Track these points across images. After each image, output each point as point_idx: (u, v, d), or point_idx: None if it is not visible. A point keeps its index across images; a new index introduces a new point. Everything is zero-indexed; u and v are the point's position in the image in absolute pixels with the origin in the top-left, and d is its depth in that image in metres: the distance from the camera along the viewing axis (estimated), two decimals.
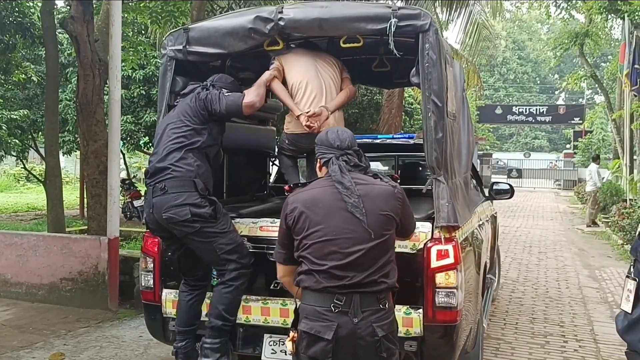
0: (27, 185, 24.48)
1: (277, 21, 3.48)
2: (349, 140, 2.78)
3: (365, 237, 2.58)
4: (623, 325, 2.47)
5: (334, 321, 2.55)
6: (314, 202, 2.66)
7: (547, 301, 7.03)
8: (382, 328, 2.58)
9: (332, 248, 2.59)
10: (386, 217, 2.64)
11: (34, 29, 9.50)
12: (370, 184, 2.69)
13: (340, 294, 2.56)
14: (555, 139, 59.68)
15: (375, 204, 2.63)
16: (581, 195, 21.97)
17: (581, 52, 22.51)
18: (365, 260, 2.58)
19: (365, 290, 2.57)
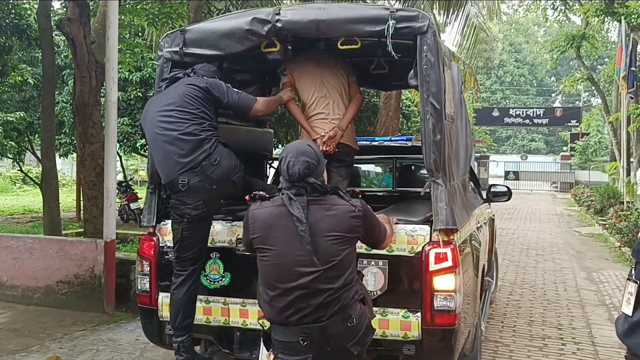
0: (24, 188, 24.41)
1: (274, 23, 3.45)
2: (298, 174, 2.68)
3: (316, 262, 2.58)
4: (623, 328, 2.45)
5: (309, 353, 2.59)
6: (270, 225, 2.68)
7: (545, 304, 7.01)
8: (358, 344, 2.65)
9: (285, 273, 2.61)
10: (340, 239, 2.63)
11: (30, 31, 9.49)
12: (327, 205, 2.67)
13: (306, 325, 2.59)
14: (552, 142, 59.75)
15: (328, 228, 2.62)
16: (578, 197, 22.00)
17: (578, 54, 22.56)
18: (320, 284, 2.58)
19: (329, 315, 2.59)
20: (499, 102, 55.47)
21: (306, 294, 2.59)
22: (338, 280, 2.61)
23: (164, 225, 3.76)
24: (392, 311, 3.28)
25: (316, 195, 2.68)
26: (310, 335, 2.58)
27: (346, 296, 2.63)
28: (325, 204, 2.67)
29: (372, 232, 2.83)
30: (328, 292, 2.59)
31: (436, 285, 3.18)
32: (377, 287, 3.29)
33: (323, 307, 2.59)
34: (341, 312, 2.61)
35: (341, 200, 2.70)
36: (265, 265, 2.68)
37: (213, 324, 3.64)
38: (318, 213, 2.63)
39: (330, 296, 2.59)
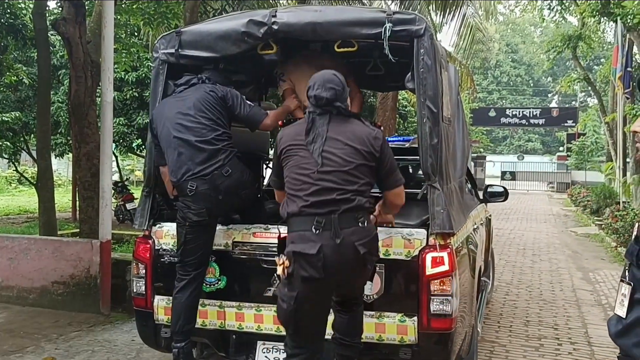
0: (19, 188, 24.34)
1: (270, 25, 3.44)
2: (326, 99, 3.03)
3: (332, 164, 2.92)
4: (616, 329, 2.45)
5: (317, 242, 2.83)
6: (295, 135, 3.04)
7: (541, 304, 7.02)
8: (364, 245, 2.88)
9: (303, 171, 2.94)
10: (357, 150, 2.96)
11: (25, 31, 9.45)
12: (350, 126, 3.03)
13: (320, 215, 2.85)
14: (548, 142, 59.87)
15: (349, 139, 2.97)
16: (574, 197, 22.04)
17: (574, 55, 22.58)
18: (333, 183, 2.89)
19: (342, 210, 2.86)
20: (496, 103, 55.54)
21: (322, 189, 2.88)
22: (352, 184, 2.93)
23: (159, 228, 3.74)
24: (389, 315, 3.27)
25: (340, 117, 3.03)
26: (322, 224, 2.84)
27: (359, 199, 2.92)
28: (348, 124, 3.03)
29: (387, 163, 3.07)
30: (342, 191, 2.89)
31: (433, 290, 3.17)
32: (373, 291, 3.28)
33: (336, 202, 2.88)
34: (353, 211, 2.89)
35: (363, 124, 3.07)
36: (289, 168, 3.02)
37: (209, 327, 3.63)
38: (339, 129, 2.99)
39: (344, 194, 2.89)
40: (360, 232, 2.88)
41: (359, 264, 2.90)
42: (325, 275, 2.84)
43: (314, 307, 2.98)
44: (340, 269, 2.86)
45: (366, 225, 2.93)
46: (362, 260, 2.89)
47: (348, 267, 2.88)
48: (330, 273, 2.84)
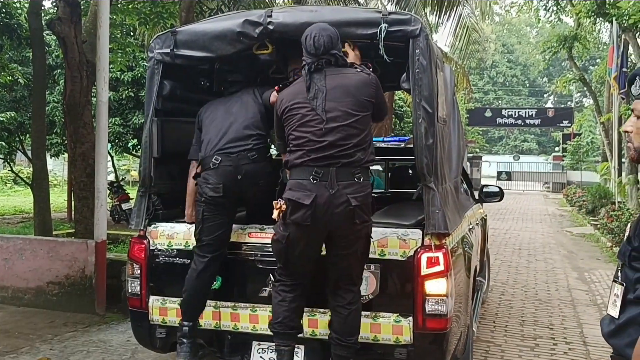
0: (15, 188, 24.28)
1: (266, 25, 3.43)
2: (323, 46, 3.13)
3: (336, 117, 3.03)
4: (609, 329, 2.45)
5: (313, 191, 2.98)
6: (295, 94, 3.15)
7: (537, 303, 7.03)
8: (356, 199, 2.99)
9: (308, 126, 3.05)
10: (358, 101, 3.08)
11: (21, 30, 9.42)
12: (344, 73, 3.12)
13: (319, 167, 3.00)
14: (544, 142, 59.98)
15: (348, 91, 3.07)
16: (570, 197, 22.09)
17: (570, 55, 22.64)
18: (340, 136, 3.01)
19: (341, 164, 2.99)
20: (492, 103, 55.63)
21: (327, 145, 3.01)
22: (355, 137, 3.04)
23: (154, 228, 3.73)
24: (384, 315, 3.27)
25: (336, 67, 3.13)
26: (320, 175, 2.99)
27: (359, 155, 3.04)
28: (345, 75, 3.13)
29: (382, 101, 3.24)
30: (344, 146, 3.01)
31: (428, 290, 3.17)
32: (369, 291, 3.28)
33: (335, 157, 3.00)
34: (351, 166, 3.02)
35: (357, 72, 3.16)
36: (292, 127, 3.12)
37: (204, 327, 3.62)
38: (336, 81, 3.09)
39: (346, 150, 3.01)
40: (354, 186, 3.01)
41: (348, 216, 3.00)
42: (314, 223, 3.01)
43: (303, 249, 3.14)
44: (330, 218, 3.00)
45: (362, 181, 3.05)
46: (351, 213, 2.99)
47: (338, 217, 3.00)
48: (320, 221, 3.01)
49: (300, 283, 3.25)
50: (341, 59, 3.18)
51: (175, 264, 3.65)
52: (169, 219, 3.79)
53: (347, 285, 3.19)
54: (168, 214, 3.85)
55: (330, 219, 3.01)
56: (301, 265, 3.21)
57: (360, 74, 3.15)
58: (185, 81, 4.03)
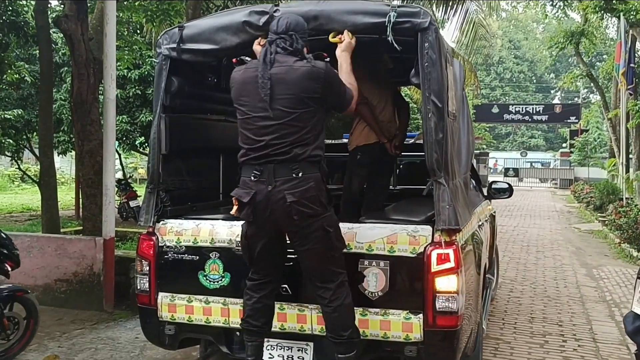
0: (22, 186, 24.37)
1: (272, 13, 3.40)
2: (285, 25, 3.15)
3: (272, 116, 3.04)
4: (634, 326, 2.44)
5: (253, 189, 3.04)
6: (244, 83, 3.15)
7: (546, 300, 7.00)
8: (293, 195, 2.99)
9: (249, 124, 3.11)
10: (297, 97, 3.03)
11: (27, 28, 9.41)
12: (290, 66, 3.06)
13: (259, 165, 3.05)
14: (551, 138, 59.77)
15: (288, 86, 3.03)
16: (577, 194, 21.99)
17: (577, 51, 22.54)
18: (275, 136, 3.03)
19: (279, 161, 3.02)
20: (499, 99, 55.47)
21: (264, 145, 3.05)
22: (289, 136, 3.03)
23: (163, 225, 3.72)
24: (394, 312, 3.24)
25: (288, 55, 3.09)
26: (260, 173, 3.04)
27: (296, 151, 3.03)
28: (291, 66, 3.06)
29: (333, 95, 3.16)
30: (276, 146, 3.03)
31: (438, 287, 3.14)
32: (378, 288, 3.25)
33: (271, 155, 3.04)
34: (289, 162, 3.03)
35: (306, 62, 3.08)
36: (240, 121, 3.19)
37: (213, 324, 3.61)
38: (280, 75, 3.05)
39: (279, 149, 3.03)
40: (292, 182, 3.02)
41: (286, 212, 3.01)
42: (258, 220, 3.10)
43: (259, 244, 3.19)
44: (271, 215, 3.05)
45: (300, 176, 3.03)
46: (288, 209, 3.00)
47: (277, 214, 3.04)
48: (262, 217, 3.08)
49: (270, 281, 3.28)
50: (297, 44, 3.13)
51: (184, 260, 3.63)
52: (177, 216, 3.78)
53: (323, 284, 3.17)
54: (176, 210, 3.83)
55: (270, 216, 3.06)
56: (263, 261, 3.24)
57: (305, 67, 3.07)
58: (193, 78, 4.01)
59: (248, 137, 3.12)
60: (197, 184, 4.19)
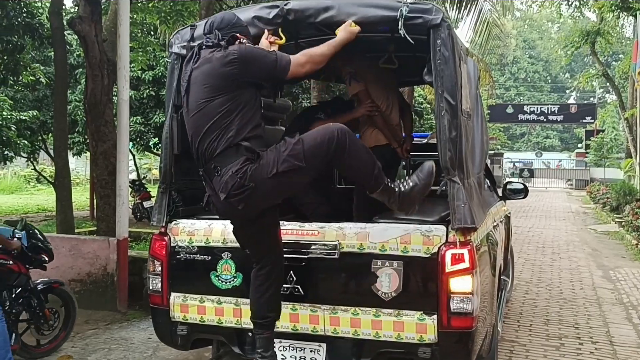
0: (38, 187, 24.57)
1: (282, 7, 3.38)
2: (209, 25, 3.19)
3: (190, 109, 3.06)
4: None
5: (207, 192, 3.11)
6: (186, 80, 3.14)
7: (562, 302, 6.92)
8: (222, 191, 2.97)
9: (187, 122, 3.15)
10: (207, 87, 2.99)
11: (42, 30, 9.48)
12: (207, 58, 3.04)
13: (201, 170, 3.09)
14: (566, 138, 59.29)
15: (205, 78, 3.00)
16: (593, 195, 21.79)
17: (592, 50, 22.34)
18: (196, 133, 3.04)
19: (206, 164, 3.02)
20: (513, 99, 55.13)
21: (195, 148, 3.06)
22: (205, 127, 2.99)
23: (175, 225, 3.71)
24: (407, 313, 3.19)
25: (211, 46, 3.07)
26: (203, 178, 3.07)
27: (212, 145, 2.98)
28: (208, 58, 3.03)
29: (255, 69, 3.04)
30: (200, 141, 3.02)
31: (453, 287, 3.09)
32: (391, 289, 3.21)
33: (201, 154, 3.05)
34: (211, 161, 3.00)
35: (221, 50, 3.03)
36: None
37: (225, 324, 3.59)
38: (199, 67, 3.04)
39: (202, 144, 3.02)
40: (217, 181, 3.00)
41: (229, 206, 3.01)
42: (221, 216, 3.22)
43: (239, 234, 3.27)
44: (223, 212, 3.12)
45: (221, 172, 2.98)
46: (230, 205, 3.00)
47: (224, 210, 3.08)
48: (222, 214, 3.17)
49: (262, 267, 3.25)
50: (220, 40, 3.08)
51: (196, 260, 3.62)
52: (189, 216, 3.77)
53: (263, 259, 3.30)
54: (189, 210, 3.82)
55: (223, 212, 3.14)
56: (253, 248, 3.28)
57: (218, 54, 3.02)
58: None
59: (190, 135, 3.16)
60: None
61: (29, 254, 4.80)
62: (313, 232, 3.38)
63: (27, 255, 4.79)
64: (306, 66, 3.14)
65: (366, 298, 3.23)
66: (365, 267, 3.24)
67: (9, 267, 4.62)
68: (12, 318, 4.55)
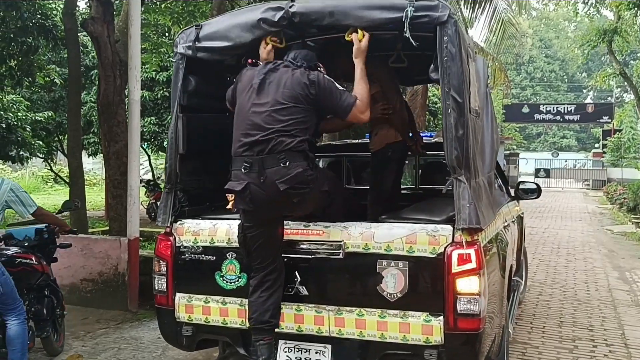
0: (55, 187, 24.75)
1: (287, 9, 3.36)
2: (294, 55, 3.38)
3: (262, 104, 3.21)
4: None
5: (245, 180, 3.17)
6: (244, 80, 3.35)
7: (576, 304, 6.82)
8: (285, 183, 3.12)
9: (240, 118, 3.28)
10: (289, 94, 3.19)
11: (56, 31, 9.55)
12: (286, 71, 3.27)
13: (248, 157, 3.18)
14: (583, 138, 58.66)
15: (281, 84, 3.22)
16: (610, 195, 21.54)
17: (610, 49, 22.09)
18: (263, 127, 3.16)
19: (267, 152, 3.15)
20: (529, 99, 54.65)
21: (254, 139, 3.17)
22: (278, 123, 3.16)
23: (180, 225, 3.70)
24: (413, 314, 3.15)
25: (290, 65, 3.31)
26: (250, 165, 3.16)
27: (283, 140, 3.14)
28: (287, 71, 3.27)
29: (327, 100, 3.27)
30: (267, 131, 3.15)
31: (459, 288, 3.05)
32: (397, 290, 3.17)
33: (261, 143, 3.15)
34: (276, 152, 3.14)
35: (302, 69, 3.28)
36: (235, 117, 3.35)
37: (230, 325, 3.57)
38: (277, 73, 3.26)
39: (268, 135, 3.15)
40: (281, 172, 3.13)
41: (282, 199, 3.17)
42: (254, 208, 3.21)
43: (256, 234, 3.30)
44: (266, 203, 3.19)
45: (288, 165, 3.14)
46: (284, 195, 3.15)
47: (272, 202, 3.19)
48: (258, 206, 3.19)
49: (270, 272, 3.32)
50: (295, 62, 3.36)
51: (201, 260, 3.61)
52: (194, 216, 3.75)
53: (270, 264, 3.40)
54: (194, 210, 3.81)
55: (265, 203, 3.20)
56: (262, 250, 3.32)
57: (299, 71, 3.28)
58: (211, 77, 3.99)
59: (238, 132, 3.25)
60: (216, 184, 4.16)
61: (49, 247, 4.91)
62: (318, 231, 3.35)
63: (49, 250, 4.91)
64: (366, 114, 3.37)
65: (371, 299, 3.20)
66: (370, 267, 3.20)
67: (34, 267, 4.68)
68: (30, 316, 4.57)
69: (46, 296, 4.84)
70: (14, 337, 4.09)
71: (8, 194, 4.21)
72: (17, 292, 4.18)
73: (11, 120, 10.67)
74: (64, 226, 4.97)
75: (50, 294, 4.90)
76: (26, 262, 4.60)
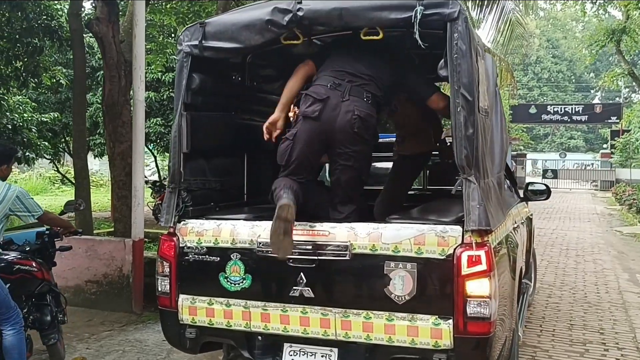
0: (62, 188, 24.80)
1: (295, 12, 3.30)
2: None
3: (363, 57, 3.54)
4: None
5: (327, 93, 3.42)
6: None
7: (586, 307, 6.74)
8: (360, 111, 3.40)
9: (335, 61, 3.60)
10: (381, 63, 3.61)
11: (61, 32, 9.53)
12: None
13: (338, 78, 3.45)
14: (591, 139, 58.37)
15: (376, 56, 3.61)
16: (619, 196, 21.40)
17: (618, 49, 21.98)
18: (361, 65, 3.51)
19: (357, 84, 3.43)
20: (536, 99, 54.42)
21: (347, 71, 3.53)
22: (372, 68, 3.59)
23: (184, 225, 3.63)
24: (422, 317, 3.08)
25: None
26: (337, 85, 3.46)
27: (372, 85, 3.53)
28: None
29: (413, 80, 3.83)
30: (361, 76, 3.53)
31: (469, 291, 2.96)
32: (405, 292, 3.09)
33: (354, 76, 3.51)
34: (364, 88, 3.50)
35: None
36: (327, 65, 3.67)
37: (234, 328, 3.50)
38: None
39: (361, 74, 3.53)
40: (362, 104, 3.43)
41: (349, 124, 3.38)
42: (319, 118, 3.40)
43: (305, 145, 3.47)
44: (334, 120, 3.40)
45: (369, 103, 3.46)
46: (353, 123, 3.38)
47: (340, 122, 3.39)
48: (325, 119, 3.39)
49: (301, 179, 3.53)
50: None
51: (205, 261, 3.54)
52: (198, 216, 3.69)
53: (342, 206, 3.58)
54: (199, 210, 3.75)
55: (333, 121, 3.38)
56: (302, 162, 3.51)
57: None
58: (216, 75, 3.93)
59: (331, 66, 3.54)
60: (220, 184, 4.10)
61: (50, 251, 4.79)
62: (324, 232, 3.28)
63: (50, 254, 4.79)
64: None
65: (379, 301, 3.13)
66: (377, 269, 3.13)
67: (34, 274, 4.55)
68: (29, 325, 4.49)
69: (47, 304, 4.69)
70: (10, 348, 3.98)
71: (14, 202, 4.17)
72: (11, 301, 4.05)
73: (17, 122, 10.65)
74: (69, 227, 4.87)
75: (52, 300, 4.77)
76: (25, 268, 4.44)
